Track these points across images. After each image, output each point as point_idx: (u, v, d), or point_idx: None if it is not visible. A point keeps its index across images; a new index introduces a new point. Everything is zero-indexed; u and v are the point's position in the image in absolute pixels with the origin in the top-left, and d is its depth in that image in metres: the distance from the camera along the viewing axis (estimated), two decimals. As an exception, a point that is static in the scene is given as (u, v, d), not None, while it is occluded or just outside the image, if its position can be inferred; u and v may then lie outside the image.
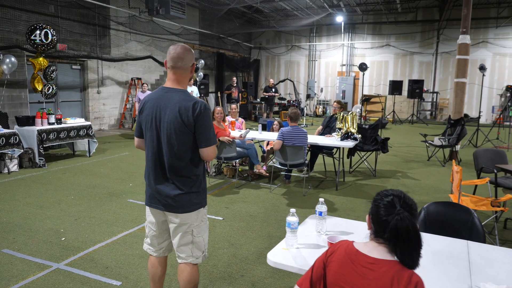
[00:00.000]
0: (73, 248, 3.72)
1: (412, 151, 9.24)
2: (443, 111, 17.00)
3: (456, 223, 2.51)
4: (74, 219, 4.50)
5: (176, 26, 13.43)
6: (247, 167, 6.82)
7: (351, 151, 6.72)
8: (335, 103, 6.68)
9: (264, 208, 5.01)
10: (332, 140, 6.02)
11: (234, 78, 14.31)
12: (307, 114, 18.15)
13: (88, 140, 7.98)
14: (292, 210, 2.12)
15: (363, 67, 11.20)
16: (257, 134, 6.60)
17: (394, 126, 14.70)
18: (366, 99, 15.72)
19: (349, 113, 6.11)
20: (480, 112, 11.23)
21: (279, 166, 5.76)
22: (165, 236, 2.43)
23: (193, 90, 11.28)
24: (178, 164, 2.21)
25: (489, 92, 16.09)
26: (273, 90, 14.70)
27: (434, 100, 16.98)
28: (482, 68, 9.30)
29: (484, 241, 2.36)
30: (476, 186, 4.62)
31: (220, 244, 3.88)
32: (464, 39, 7.73)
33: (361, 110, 12.87)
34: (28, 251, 3.64)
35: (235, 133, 6.35)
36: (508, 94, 14.45)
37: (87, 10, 10.60)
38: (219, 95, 15.36)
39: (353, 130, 5.95)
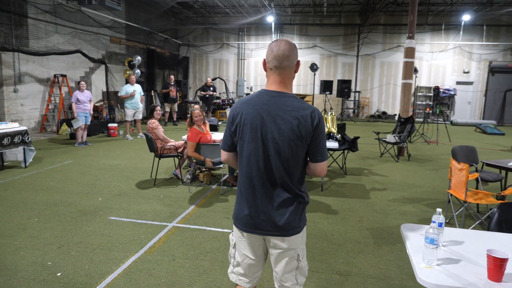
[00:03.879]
0: (81, 285, 3.04)
1: (363, 148, 9.76)
2: (364, 109, 18.41)
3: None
4: (56, 247, 3.71)
5: (106, 18, 12.16)
6: (218, 171, 6.45)
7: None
8: None
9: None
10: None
11: (172, 76, 13.52)
12: (239, 113, 18.07)
13: (24, 148, 6.74)
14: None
15: (314, 67, 11.47)
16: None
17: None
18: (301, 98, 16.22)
19: (329, 113, 6.15)
20: (412, 110, 12.33)
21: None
22: (261, 264, 2.09)
23: (136, 89, 10.37)
24: (289, 181, 1.88)
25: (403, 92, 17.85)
26: (211, 88, 14.27)
27: (357, 99, 18.26)
28: (415, 71, 10.18)
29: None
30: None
31: (252, 260, 3.54)
32: (410, 43, 8.37)
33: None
34: (23, 296, 2.87)
35: (216, 136, 5.94)
36: (431, 94, 16.24)
37: (1, -7, 8.97)
38: (152, 93, 14.38)
39: (334, 131, 6.01)
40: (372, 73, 18.18)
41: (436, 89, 11.38)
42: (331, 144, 5.79)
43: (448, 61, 17.23)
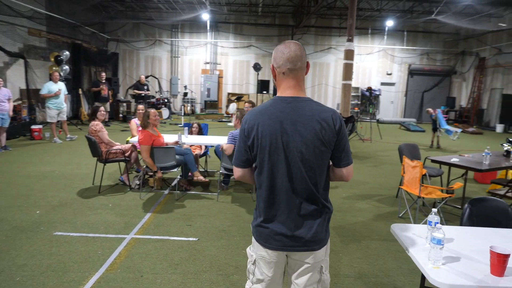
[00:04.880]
0: (37, 316, 2.61)
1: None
2: (298, 108, 18.97)
3: (495, 214, 2.83)
4: (-5, 273, 3.17)
5: (24, 7, 10.87)
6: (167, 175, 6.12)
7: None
8: (247, 104, 6.58)
9: (228, 220, 4.59)
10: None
11: (103, 74, 12.57)
12: (174, 113, 17.50)
13: None
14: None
15: (257, 67, 11.45)
16: (183, 138, 5.97)
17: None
18: (238, 98, 16.21)
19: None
20: (354, 109, 12.94)
21: (225, 172, 5.38)
22: (281, 280, 1.95)
23: (61, 88, 9.43)
24: (315, 191, 1.77)
25: (333, 91, 18.78)
26: (146, 87, 13.57)
27: (291, 98, 18.72)
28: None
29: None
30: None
31: (229, 270, 3.37)
32: (350, 46, 8.76)
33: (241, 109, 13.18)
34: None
35: (168, 139, 5.60)
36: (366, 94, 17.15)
37: None
38: (80, 92, 13.25)
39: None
40: (307, 72, 18.76)
41: (369, 89, 12.11)
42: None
43: (373, 63, 18.47)
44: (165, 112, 14.91)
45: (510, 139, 5.41)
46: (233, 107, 14.62)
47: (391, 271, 3.46)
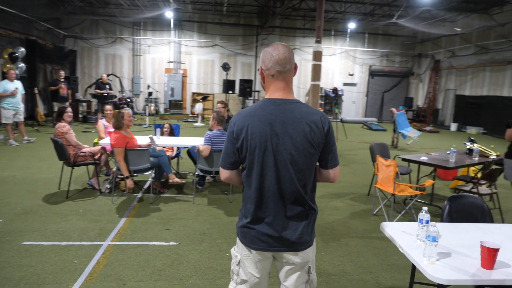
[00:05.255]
0: (15, 333, 2.43)
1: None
2: (263, 108, 19.08)
3: (472, 210, 2.98)
4: (-39, 289, 2.92)
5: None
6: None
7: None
8: (219, 104, 6.53)
9: (207, 222, 4.53)
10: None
11: (62, 72, 11.95)
12: (136, 113, 17.01)
13: None
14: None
15: (226, 66, 11.35)
16: (156, 140, 5.81)
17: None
18: (204, 98, 16.04)
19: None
20: (319, 109, 13.17)
21: (201, 174, 5.29)
22: (267, 281, 1.96)
23: (18, 87, 8.88)
24: (303, 193, 1.79)
25: (297, 91, 19.05)
26: (108, 86, 13.06)
27: (256, 98, 18.81)
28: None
29: (492, 221, 2.92)
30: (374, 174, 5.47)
31: (214, 274, 3.31)
32: (318, 47, 8.90)
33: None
34: None
35: (140, 140, 5.42)
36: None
37: None
38: (36, 91, 12.52)
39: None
40: (270, 73, 18.91)
41: (335, 90, 12.40)
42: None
43: (336, 64, 18.95)
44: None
45: (472, 138, 5.75)
46: (199, 107, 14.43)
47: (372, 268, 3.56)
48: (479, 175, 5.01)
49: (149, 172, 5.17)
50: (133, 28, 17.61)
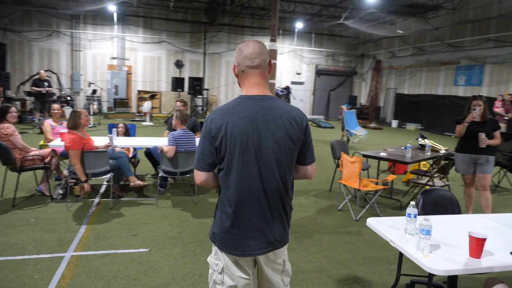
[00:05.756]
0: None
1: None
2: (213, 106, 18.87)
3: (442, 203, 3.16)
4: None
5: None
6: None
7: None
8: (179, 102, 6.32)
9: (176, 226, 4.35)
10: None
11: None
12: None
13: None
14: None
15: (179, 64, 10.97)
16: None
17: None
18: (152, 96, 15.50)
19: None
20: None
21: (164, 175, 5.07)
22: (254, 280, 1.89)
23: None
24: (284, 190, 1.76)
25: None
26: (46, 84, 12.08)
27: (205, 96, 18.55)
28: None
29: (460, 212, 3.13)
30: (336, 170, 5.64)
31: (194, 279, 3.17)
32: (273, 46, 8.96)
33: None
34: None
35: (97, 141, 5.06)
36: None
37: None
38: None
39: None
40: (219, 71, 18.78)
41: (287, 88, 12.59)
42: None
43: (284, 63, 19.26)
44: (68, 111, 13.49)
45: (423, 135, 6.12)
46: (147, 105, 13.89)
47: (347, 262, 3.64)
48: (433, 169, 5.34)
49: (108, 175, 4.84)
50: (71, 21, 16.47)
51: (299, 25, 17.48)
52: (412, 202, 2.40)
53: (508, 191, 6.68)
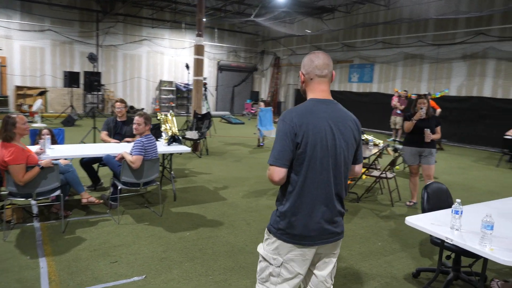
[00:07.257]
0: None
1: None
2: (109, 103, 17.26)
3: (440, 195, 3.47)
4: None
5: None
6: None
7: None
8: (119, 103, 5.66)
9: (156, 244, 3.86)
10: (160, 145, 5.25)
11: None
12: None
13: None
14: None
15: (92, 57, 9.61)
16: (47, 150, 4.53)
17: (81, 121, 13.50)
18: (41, 93, 13.48)
19: (169, 113, 5.55)
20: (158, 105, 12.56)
21: (126, 187, 4.44)
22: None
23: None
24: (344, 186, 1.97)
25: (147, 85, 18.01)
26: None
27: (101, 93, 16.84)
28: (187, 67, 10.51)
29: (453, 201, 3.49)
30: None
31: (221, 304, 2.85)
32: (200, 41, 8.59)
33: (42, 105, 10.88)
34: None
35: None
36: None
37: None
38: None
39: (176, 132, 5.48)
40: (115, 65, 17.24)
41: (205, 85, 12.19)
42: (182, 148, 5.28)
43: (187, 58, 18.65)
44: None
45: (362, 131, 6.63)
46: (38, 104, 11.95)
47: (343, 258, 3.74)
48: (381, 163, 5.82)
49: (57, 193, 4.00)
50: None
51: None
52: (458, 200, 2.56)
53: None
